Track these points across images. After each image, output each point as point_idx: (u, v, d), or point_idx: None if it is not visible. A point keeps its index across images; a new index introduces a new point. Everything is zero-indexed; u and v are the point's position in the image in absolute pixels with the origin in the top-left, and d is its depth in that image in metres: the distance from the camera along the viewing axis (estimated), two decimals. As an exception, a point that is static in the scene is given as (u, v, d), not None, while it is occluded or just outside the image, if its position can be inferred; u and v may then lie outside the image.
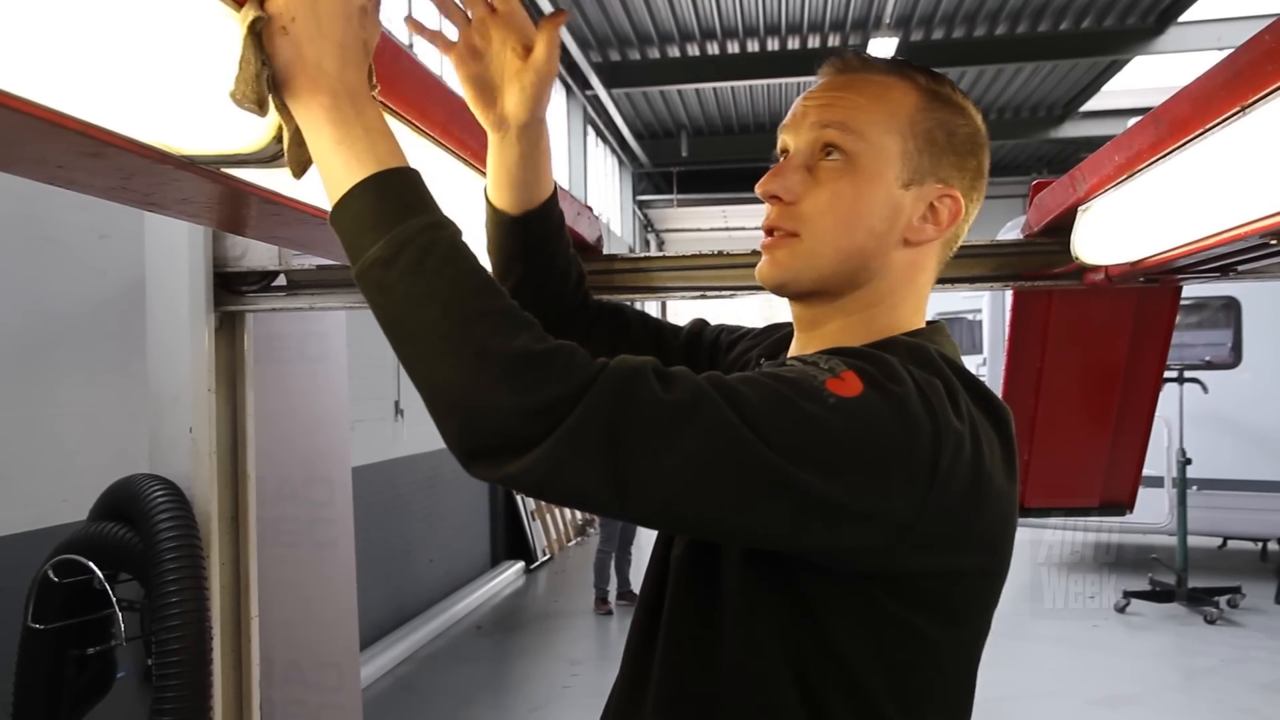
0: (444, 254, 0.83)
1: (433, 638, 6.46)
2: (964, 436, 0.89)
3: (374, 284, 0.82)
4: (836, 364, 0.90)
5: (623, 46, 11.90)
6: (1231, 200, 1.30)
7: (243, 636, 2.47)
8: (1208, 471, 6.95)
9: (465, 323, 0.80)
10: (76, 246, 3.55)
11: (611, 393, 0.81)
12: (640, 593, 1.15)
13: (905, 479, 0.86)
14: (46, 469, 3.39)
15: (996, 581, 0.99)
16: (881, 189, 1.03)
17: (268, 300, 2.40)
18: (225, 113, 0.86)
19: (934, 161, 1.05)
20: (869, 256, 1.05)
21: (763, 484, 0.82)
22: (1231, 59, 1.14)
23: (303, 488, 2.97)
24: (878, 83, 1.06)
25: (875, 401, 0.86)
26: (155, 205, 1.08)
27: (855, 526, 0.86)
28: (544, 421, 0.79)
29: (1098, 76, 13.36)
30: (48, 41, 0.71)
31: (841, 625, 0.94)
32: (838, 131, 1.03)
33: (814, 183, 1.04)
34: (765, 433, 0.82)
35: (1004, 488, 0.95)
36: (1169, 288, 2.27)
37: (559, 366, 0.80)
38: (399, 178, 0.85)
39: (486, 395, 0.79)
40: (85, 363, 3.58)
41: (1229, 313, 7.43)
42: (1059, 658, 5.90)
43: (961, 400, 0.92)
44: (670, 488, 0.82)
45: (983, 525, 0.93)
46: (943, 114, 1.06)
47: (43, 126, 0.76)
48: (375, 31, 0.89)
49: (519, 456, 0.80)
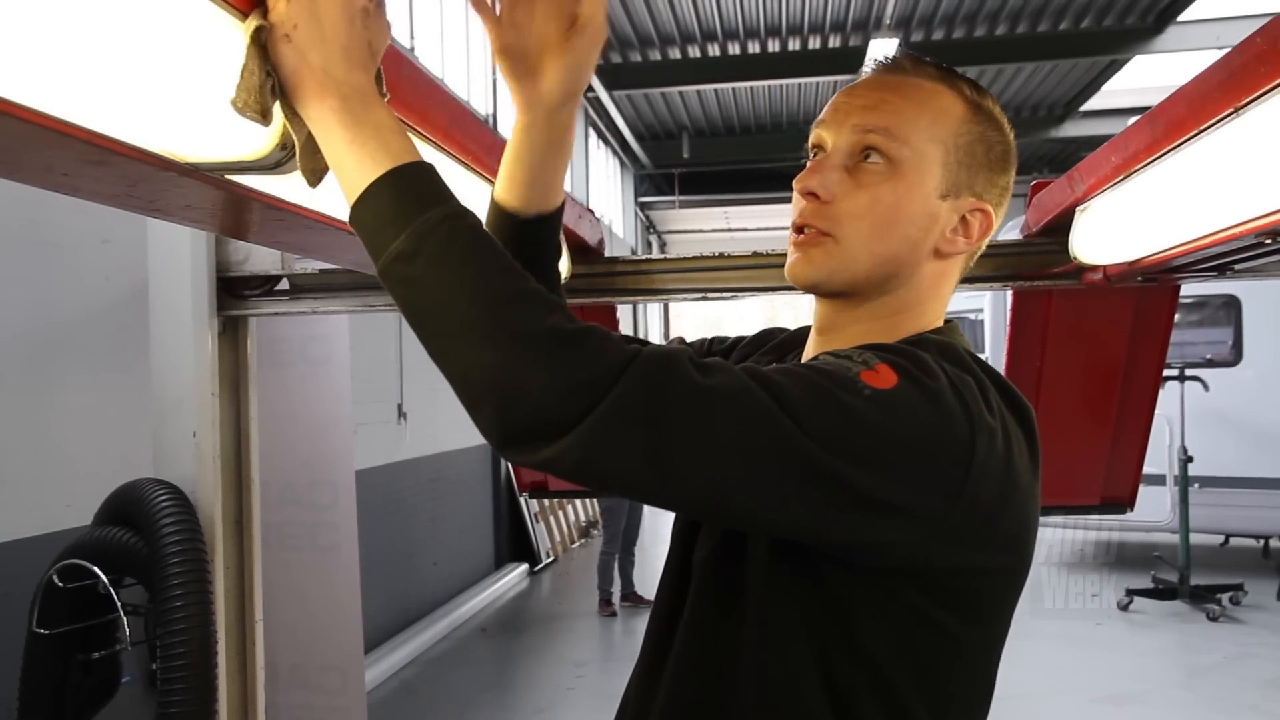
0: (467, 242, 0.82)
1: (437, 640, 6.47)
2: (996, 432, 0.89)
3: (399, 278, 0.82)
4: (870, 357, 0.90)
5: (624, 48, 11.90)
6: (1227, 200, 1.31)
7: (247, 640, 2.48)
8: (1209, 469, 6.95)
9: (495, 307, 0.79)
10: (79, 252, 3.56)
11: (649, 375, 0.80)
12: (657, 598, 1.14)
13: (941, 472, 0.86)
14: (50, 474, 3.40)
15: (1019, 580, 1.00)
16: (920, 197, 1.03)
17: (270, 304, 2.41)
18: (229, 120, 0.87)
19: (971, 175, 1.04)
20: (902, 263, 1.04)
21: (800, 472, 0.82)
22: (1225, 61, 1.15)
23: (306, 491, 2.98)
24: (926, 89, 1.05)
25: (911, 394, 0.87)
26: (159, 212, 1.09)
27: (889, 519, 0.86)
28: (581, 402, 0.78)
29: (1098, 76, 13.35)
30: (53, 51, 0.71)
31: (869, 623, 0.94)
32: (882, 137, 1.02)
33: (853, 184, 1.03)
34: (803, 421, 0.82)
35: (1030, 486, 0.95)
36: (1167, 286, 2.28)
37: (594, 346, 0.80)
38: (415, 171, 0.85)
39: (522, 376, 0.78)
40: (89, 368, 3.59)
41: (1229, 310, 7.43)
42: (1063, 656, 5.90)
43: (992, 397, 0.92)
44: (709, 472, 0.81)
45: (1011, 522, 0.93)
46: (984, 128, 1.05)
47: (48, 135, 0.76)
48: (380, 33, 0.89)
49: (557, 439, 0.79)
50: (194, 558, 2.19)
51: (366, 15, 0.86)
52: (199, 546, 2.22)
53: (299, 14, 0.83)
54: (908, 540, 0.88)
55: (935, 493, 0.86)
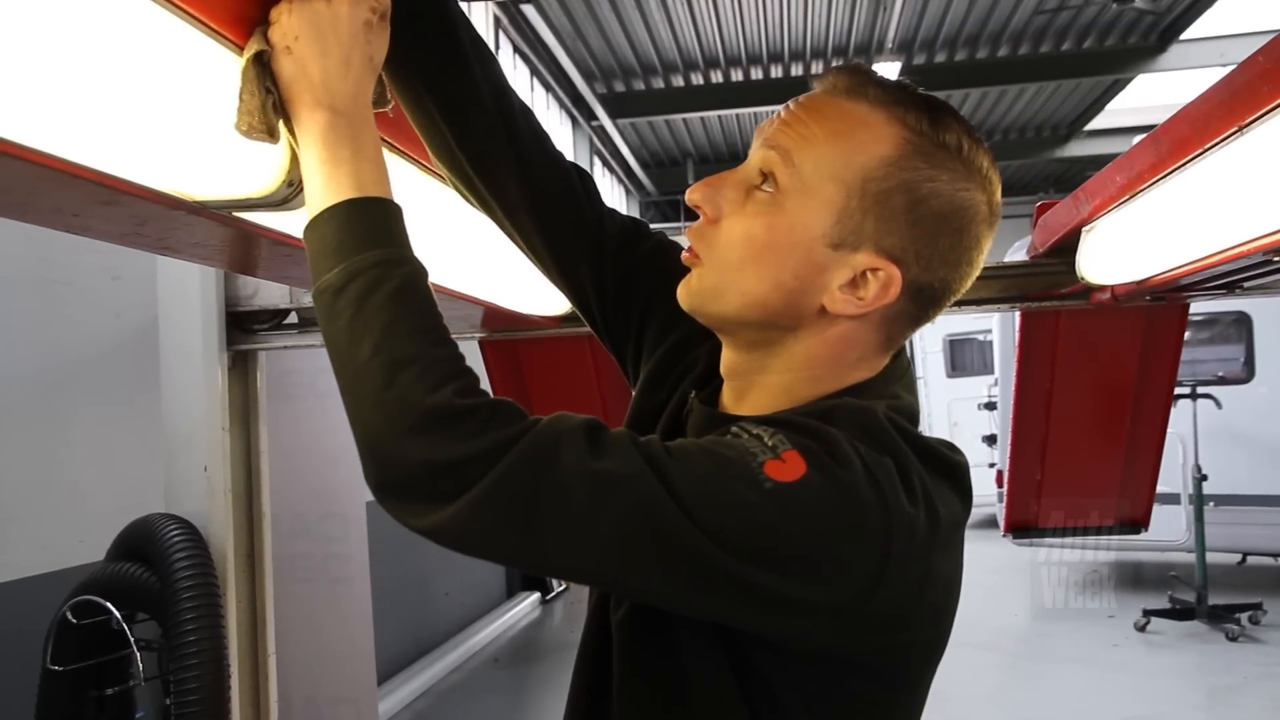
0: (391, 292, 0.80)
1: (450, 671, 6.43)
2: (917, 520, 0.81)
3: (324, 309, 0.81)
4: (781, 442, 0.81)
5: (627, 77, 11.98)
6: (1234, 218, 1.31)
7: (260, 674, 2.48)
8: (1224, 487, 6.89)
9: (391, 367, 0.77)
10: (89, 289, 3.58)
11: (532, 458, 0.77)
12: (578, 661, 1.05)
13: (850, 572, 0.79)
14: (62, 510, 3.40)
15: (943, 643, 0.94)
16: (802, 241, 0.89)
17: (280, 338, 2.42)
18: (236, 158, 0.88)
19: (879, 228, 0.88)
20: (774, 311, 0.91)
21: (687, 564, 0.77)
22: (1228, 80, 1.15)
23: (317, 524, 2.98)
24: (852, 116, 0.89)
25: (819, 488, 0.79)
26: (168, 249, 1.09)
27: (791, 613, 0.81)
28: (455, 481, 0.76)
29: (1101, 95, 13.40)
30: (60, 93, 0.72)
31: (801, 704, 0.89)
32: (780, 158, 0.90)
33: (740, 208, 0.92)
34: (694, 512, 0.76)
35: (955, 556, 0.89)
36: (1176, 305, 2.28)
37: (475, 425, 0.77)
38: (372, 207, 0.83)
39: (398, 445, 0.77)
40: (99, 404, 3.60)
41: (1240, 327, 7.40)
42: (1080, 678, 5.84)
43: (914, 475, 0.83)
44: (592, 559, 0.79)
45: (933, 595, 0.86)
46: (918, 175, 0.88)
47: (58, 177, 0.77)
48: (382, 45, 0.89)
49: (433, 511, 0.77)
50: (206, 592, 2.19)
51: (369, 29, 0.86)
52: (211, 581, 2.22)
53: (301, 26, 0.83)
54: (818, 634, 0.83)
55: (844, 590, 0.80)
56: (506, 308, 1.90)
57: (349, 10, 0.84)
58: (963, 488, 0.90)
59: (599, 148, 14.04)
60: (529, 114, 1.12)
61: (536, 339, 2.41)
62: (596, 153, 14.05)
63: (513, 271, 1.60)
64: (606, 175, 15.28)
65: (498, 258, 1.50)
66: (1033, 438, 2.63)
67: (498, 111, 1.07)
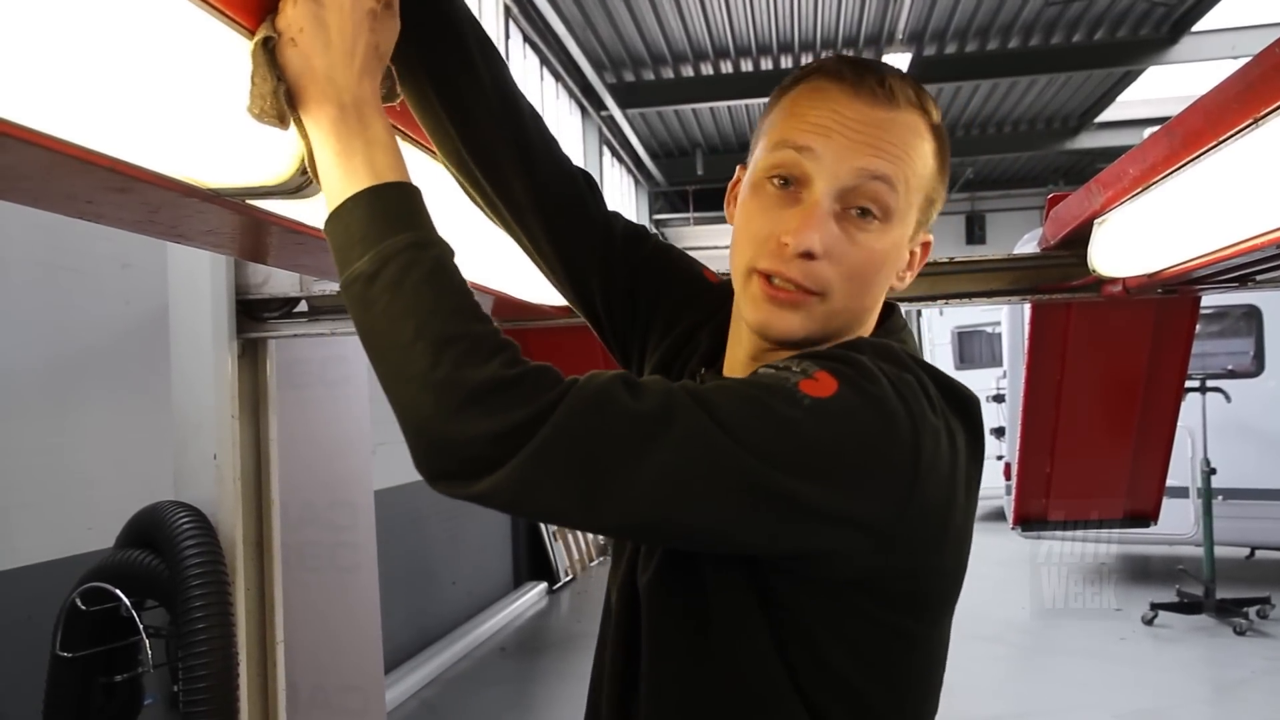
0: (425, 273, 0.81)
1: (457, 660, 6.45)
2: (940, 431, 0.87)
3: (356, 298, 0.82)
4: (809, 365, 0.86)
5: (637, 67, 11.95)
6: (1247, 211, 1.30)
7: (268, 661, 2.49)
8: (1233, 481, 6.87)
9: (437, 346, 0.78)
10: (100, 276, 3.59)
11: (580, 409, 0.79)
12: (603, 630, 1.08)
13: (888, 478, 0.84)
14: (72, 497, 3.41)
15: (961, 578, 0.98)
16: (902, 248, 0.98)
17: (289, 326, 2.42)
18: (250, 145, 0.88)
19: (926, 215, 1.00)
20: (873, 313, 1.01)
21: (741, 489, 0.80)
22: (1243, 72, 1.14)
23: (326, 512, 2.98)
24: (911, 126, 0.95)
25: (852, 400, 0.83)
26: (181, 237, 1.09)
27: (837, 528, 0.84)
28: (510, 444, 0.77)
29: (1113, 87, 13.33)
30: (75, 80, 0.72)
31: (833, 641, 0.92)
32: (886, 188, 0.93)
33: (844, 237, 0.93)
34: (742, 437, 0.80)
35: (973, 482, 0.93)
36: (1187, 298, 2.27)
37: (526, 389, 0.79)
38: (393, 192, 0.84)
39: (453, 423, 0.78)
40: (109, 391, 3.61)
41: (1250, 321, 7.37)
42: (1087, 671, 5.84)
43: (933, 394, 0.89)
44: (646, 500, 0.80)
45: (957, 521, 0.91)
46: (943, 159, 1.00)
47: (72, 163, 0.77)
48: (389, 35, 0.89)
49: (488, 475, 0.79)
50: (215, 580, 2.20)
51: (374, 18, 0.86)
52: (220, 568, 2.23)
53: (304, 18, 0.83)
54: (858, 548, 0.86)
55: (883, 498, 0.84)
56: (517, 297, 1.90)
57: (351, 1, 0.84)
58: (972, 422, 0.94)
59: (608, 138, 14.01)
60: (537, 117, 1.14)
61: (546, 328, 2.41)
62: (606, 143, 14.02)
63: (522, 261, 1.60)
64: (616, 165, 15.25)
65: (507, 247, 1.49)
66: (1042, 431, 2.62)
67: (505, 115, 1.09)
